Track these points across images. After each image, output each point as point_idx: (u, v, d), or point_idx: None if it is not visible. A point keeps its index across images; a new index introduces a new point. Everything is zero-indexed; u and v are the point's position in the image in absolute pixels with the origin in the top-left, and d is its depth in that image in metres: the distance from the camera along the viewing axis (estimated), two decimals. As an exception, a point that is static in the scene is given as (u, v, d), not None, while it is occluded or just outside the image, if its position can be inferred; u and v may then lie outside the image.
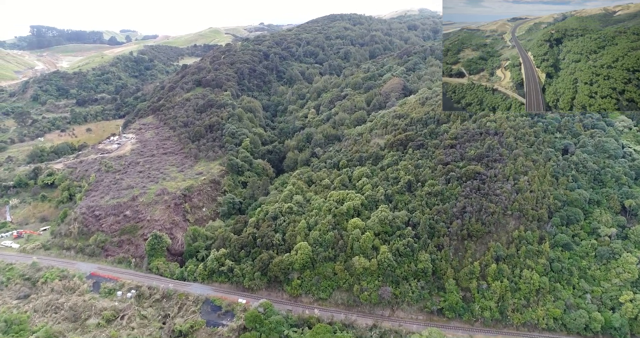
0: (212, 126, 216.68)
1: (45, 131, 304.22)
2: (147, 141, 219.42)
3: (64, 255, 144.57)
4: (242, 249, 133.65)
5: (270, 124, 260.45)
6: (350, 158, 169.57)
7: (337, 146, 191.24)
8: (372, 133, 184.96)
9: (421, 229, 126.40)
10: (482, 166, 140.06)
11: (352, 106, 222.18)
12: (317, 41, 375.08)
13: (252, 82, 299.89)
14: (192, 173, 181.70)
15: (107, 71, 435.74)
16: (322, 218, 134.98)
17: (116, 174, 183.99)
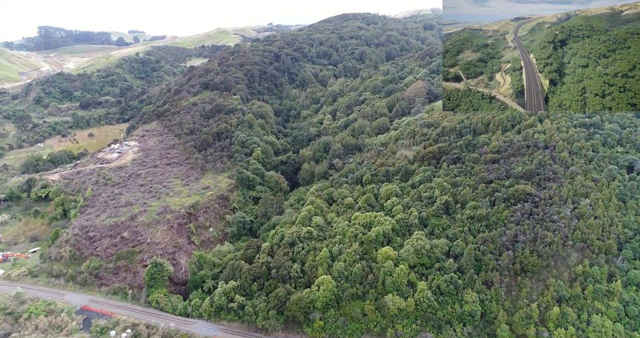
0: (220, 133, 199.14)
1: (46, 136, 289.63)
2: (150, 149, 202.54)
3: (52, 283, 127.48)
4: (255, 281, 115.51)
5: (282, 130, 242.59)
6: (375, 172, 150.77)
7: (358, 157, 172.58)
8: (397, 143, 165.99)
9: (465, 261, 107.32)
10: (533, 186, 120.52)
11: (372, 112, 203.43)
12: (331, 41, 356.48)
13: (262, 85, 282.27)
14: (198, 187, 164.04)
15: (112, 73, 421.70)
16: (346, 245, 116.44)
17: (115, 188, 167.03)
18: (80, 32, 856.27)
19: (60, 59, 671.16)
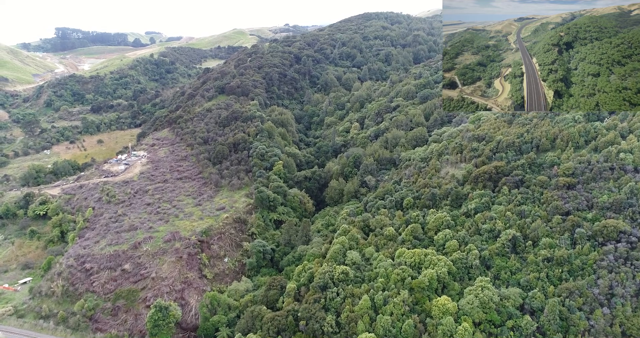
0: (237, 144, 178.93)
1: (53, 142, 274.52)
2: (159, 161, 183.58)
3: (40, 326, 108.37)
4: (279, 334, 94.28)
5: (304, 139, 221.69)
6: (418, 195, 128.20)
7: (394, 175, 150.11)
8: (441, 159, 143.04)
9: (547, 320, 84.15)
10: (626, 221, 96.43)
11: (407, 121, 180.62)
12: (354, 42, 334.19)
13: (282, 89, 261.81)
14: (212, 207, 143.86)
15: (125, 75, 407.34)
16: (392, 292, 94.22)
17: (119, 207, 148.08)
18: (97, 34, 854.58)
19: (76, 60, 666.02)
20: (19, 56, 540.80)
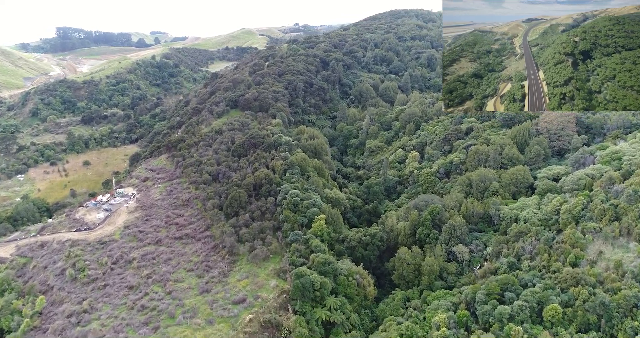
0: (259, 185, 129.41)
1: (31, 164, 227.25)
2: (152, 206, 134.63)
3: None
4: None
5: (340, 168, 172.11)
6: (568, 299, 77.48)
7: (496, 245, 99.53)
8: (580, 225, 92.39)
9: None
10: None
11: (495, 154, 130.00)
12: (389, 43, 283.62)
13: (308, 102, 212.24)
14: (226, 296, 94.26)
15: (123, 79, 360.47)
16: None
17: (87, 290, 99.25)
18: (99, 33, 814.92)
19: (76, 61, 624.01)
20: (10, 57, 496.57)
